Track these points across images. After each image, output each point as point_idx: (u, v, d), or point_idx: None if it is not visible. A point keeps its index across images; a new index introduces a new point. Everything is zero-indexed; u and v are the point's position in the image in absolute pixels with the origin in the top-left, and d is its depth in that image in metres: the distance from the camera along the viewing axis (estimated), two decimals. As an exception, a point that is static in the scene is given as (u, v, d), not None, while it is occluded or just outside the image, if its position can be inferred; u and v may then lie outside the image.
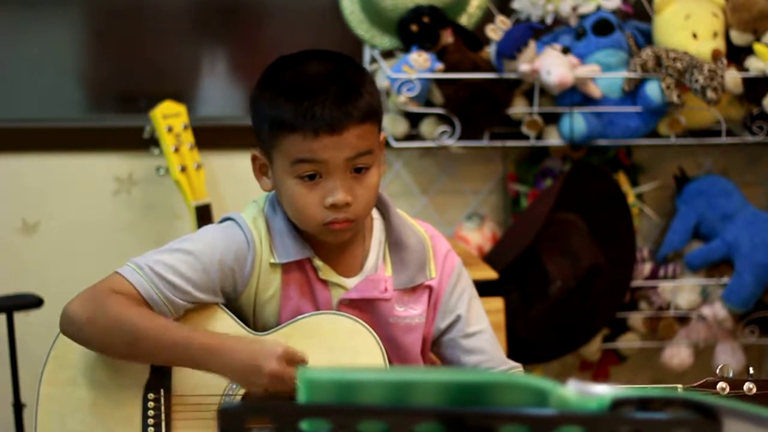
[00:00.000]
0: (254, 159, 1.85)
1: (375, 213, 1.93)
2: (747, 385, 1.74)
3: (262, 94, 1.81)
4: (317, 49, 1.85)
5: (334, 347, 1.82)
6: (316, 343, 1.82)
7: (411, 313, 1.91)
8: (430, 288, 1.93)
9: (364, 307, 1.87)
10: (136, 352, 1.77)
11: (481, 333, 1.95)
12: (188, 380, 1.82)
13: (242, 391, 1.82)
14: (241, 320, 1.85)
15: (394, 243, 1.91)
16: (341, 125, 1.73)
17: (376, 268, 1.90)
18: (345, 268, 1.88)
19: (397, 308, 1.90)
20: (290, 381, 1.71)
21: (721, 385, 1.75)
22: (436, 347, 1.97)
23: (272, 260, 1.84)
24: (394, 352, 1.88)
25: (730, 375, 1.76)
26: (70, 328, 1.78)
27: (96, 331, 1.76)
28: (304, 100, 1.73)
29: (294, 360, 1.75)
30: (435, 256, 1.94)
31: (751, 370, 1.78)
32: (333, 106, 1.73)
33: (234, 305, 1.86)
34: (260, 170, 1.85)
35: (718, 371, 1.77)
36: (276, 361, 1.72)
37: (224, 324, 1.83)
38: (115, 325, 1.75)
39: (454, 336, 1.94)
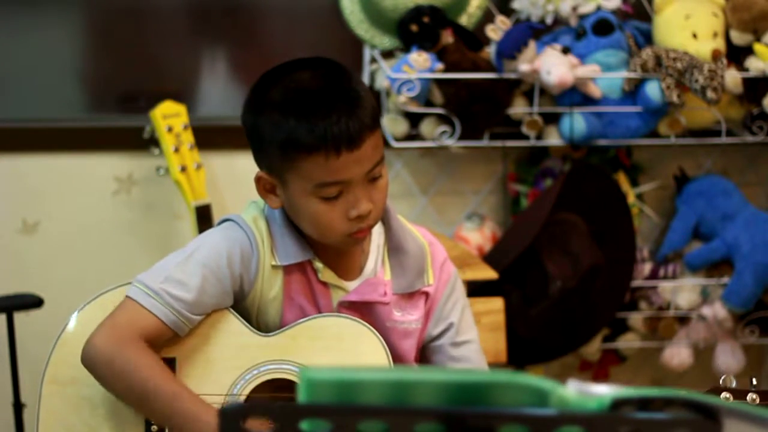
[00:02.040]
0: (259, 180, 1.82)
1: None
2: (750, 396, 1.74)
3: (263, 117, 1.77)
4: (300, 59, 1.81)
5: (340, 349, 1.82)
6: (322, 345, 1.83)
7: (408, 318, 1.92)
8: (426, 294, 1.93)
9: (363, 310, 1.88)
10: (143, 409, 1.79)
11: (469, 343, 1.97)
12: (191, 380, 1.82)
13: (246, 393, 1.82)
14: (245, 320, 1.85)
15: (394, 248, 1.91)
16: (360, 139, 1.72)
17: (375, 272, 1.90)
18: (344, 270, 1.89)
19: (395, 313, 1.90)
20: None
21: (724, 395, 1.74)
22: (423, 352, 1.98)
23: (273, 262, 1.84)
24: (391, 357, 1.88)
25: (734, 385, 1.76)
26: (90, 364, 1.78)
27: (112, 378, 1.77)
28: (317, 120, 1.71)
29: None
30: (433, 263, 1.94)
31: (755, 381, 1.77)
32: (348, 120, 1.71)
33: (239, 306, 1.86)
34: (265, 189, 1.82)
35: (721, 382, 1.77)
36: None
37: (231, 326, 1.84)
38: (130, 380, 1.75)
39: (443, 342, 1.95)
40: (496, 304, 2.63)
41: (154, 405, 1.75)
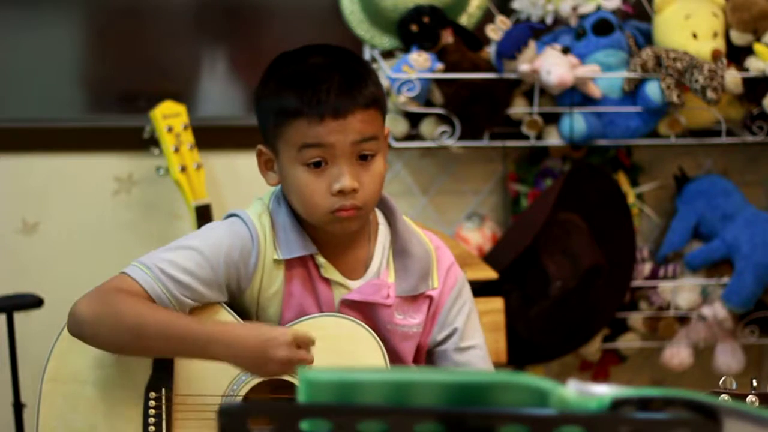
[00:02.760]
0: (260, 154, 1.85)
1: (381, 218, 1.93)
2: (750, 398, 1.73)
3: (265, 88, 1.82)
4: (319, 44, 1.86)
5: (337, 350, 1.82)
6: (319, 345, 1.82)
7: (410, 321, 1.91)
8: (430, 298, 1.93)
9: (365, 311, 1.88)
10: (143, 345, 1.78)
11: (474, 348, 1.96)
12: (190, 380, 1.83)
13: (244, 392, 1.83)
14: (243, 319, 1.85)
15: (399, 250, 1.91)
16: (346, 110, 1.74)
17: (379, 273, 1.90)
18: (348, 269, 1.88)
19: (396, 316, 1.90)
20: (302, 364, 1.72)
21: (723, 397, 1.74)
22: (428, 357, 1.97)
23: (276, 256, 1.84)
24: (389, 358, 1.88)
25: (734, 387, 1.75)
26: (77, 327, 1.78)
27: (102, 327, 1.76)
28: (308, 88, 1.75)
29: (304, 343, 1.75)
30: (438, 267, 1.94)
31: (755, 383, 1.77)
32: (337, 91, 1.75)
33: (237, 303, 1.86)
34: (265, 165, 1.85)
35: (720, 383, 1.76)
36: (286, 347, 1.73)
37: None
38: (120, 319, 1.75)
39: (447, 348, 1.95)
40: (496, 304, 2.63)
41: (151, 337, 1.75)
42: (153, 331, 1.75)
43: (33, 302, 2.52)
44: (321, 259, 1.85)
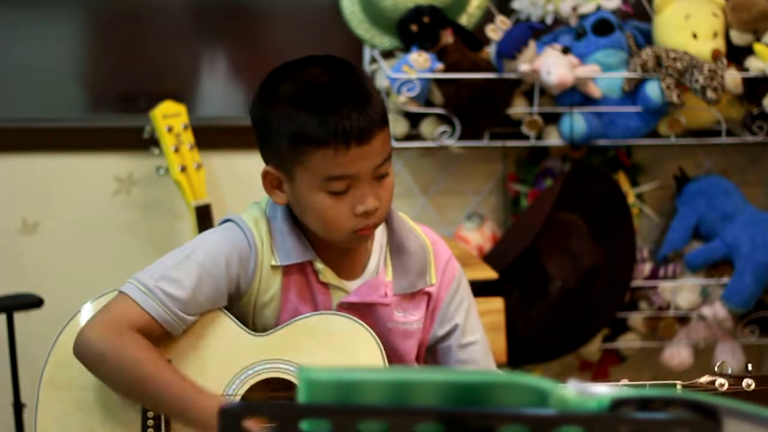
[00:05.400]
0: (266, 175, 1.81)
1: None
2: (746, 381, 1.74)
3: (274, 110, 1.76)
4: (311, 56, 1.82)
5: (334, 347, 1.82)
6: (316, 343, 1.83)
7: (410, 318, 1.91)
8: (429, 294, 1.92)
9: (364, 311, 1.87)
10: (137, 397, 1.78)
11: (474, 344, 1.96)
12: (188, 381, 1.82)
13: (242, 392, 1.82)
14: (240, 322, 1.85)
15: (396, 248, 1.90)
16: (370, 133, 1.72)
17: (377, 272, 1.89)
18: (346, 271, 1.88)
19: (396, 313, 1.89)
20: None
21: (719, 381, 1.75)
22: (430, 355, 1.97)
23: (273, 262, 1.83)
24: (391, 357, 1.88)
25: (729, 371, 1.76)
26: (84, 356, 1.78)
27: (105, 368, 1.77)
28: (328, 114, 1.71)
29: None
30: (436, 262, 1.93)
31: (750, 366, 1.78)
32: (358, 115, 1.71)
33: (235, 307, 1.86)
34: (272, 185, 1.81)
35: (716, 368, 1.77)
36: None
37: (225, 326, 1.83)
38: (126, 368, 1.75)
39: (450, 344, 1.94)
40: (496, 304, 2.63)
41: (148, 392, 1.75)
42: (151, 390, 1.75)
43: (33, 302, 2.52)
44: (319, 265, 1.85)
